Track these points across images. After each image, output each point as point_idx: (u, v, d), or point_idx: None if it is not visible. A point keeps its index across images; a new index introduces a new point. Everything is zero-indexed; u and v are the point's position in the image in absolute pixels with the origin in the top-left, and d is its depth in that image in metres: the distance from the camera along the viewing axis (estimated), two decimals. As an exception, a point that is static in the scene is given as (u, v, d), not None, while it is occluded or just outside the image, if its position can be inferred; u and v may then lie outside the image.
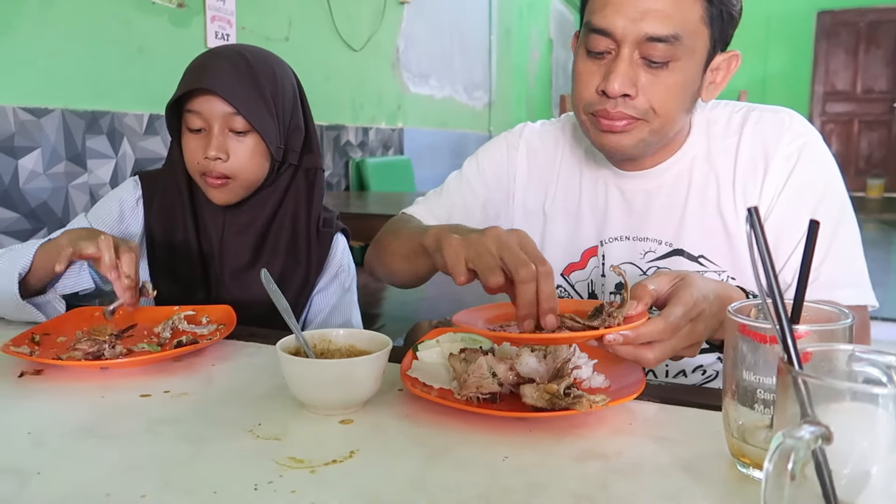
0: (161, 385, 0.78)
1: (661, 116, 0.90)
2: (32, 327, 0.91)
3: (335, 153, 4.41)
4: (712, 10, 0.87)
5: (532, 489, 0.54)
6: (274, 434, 0.64)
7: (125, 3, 2.76)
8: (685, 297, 0.69)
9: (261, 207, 1.16)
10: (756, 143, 0.96)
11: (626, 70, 0.87)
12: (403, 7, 5.09)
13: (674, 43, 0.85)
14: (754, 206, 0.44)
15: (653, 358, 0.68)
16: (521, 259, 0.68)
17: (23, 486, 0.55)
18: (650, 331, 0.67)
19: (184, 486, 0.55)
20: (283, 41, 3.74)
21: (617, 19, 0.86)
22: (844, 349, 0.47)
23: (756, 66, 8.90)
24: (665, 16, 0.84)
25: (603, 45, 0.88)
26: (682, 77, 0.89)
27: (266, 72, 1.10)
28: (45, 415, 0.70)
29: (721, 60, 0.93)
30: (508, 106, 7.29)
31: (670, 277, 0.73)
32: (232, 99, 1.05)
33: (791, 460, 0.37)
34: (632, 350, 0.68)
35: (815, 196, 0.93)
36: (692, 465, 0.58)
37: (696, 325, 0.70)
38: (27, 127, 2.43)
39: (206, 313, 0.99)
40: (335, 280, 1.23)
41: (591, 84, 0.91)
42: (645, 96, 0.88)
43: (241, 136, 1.08)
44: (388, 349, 0.71)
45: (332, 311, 1.22)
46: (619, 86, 0.87)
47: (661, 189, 1.00)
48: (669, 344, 0.69)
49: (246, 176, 1.10)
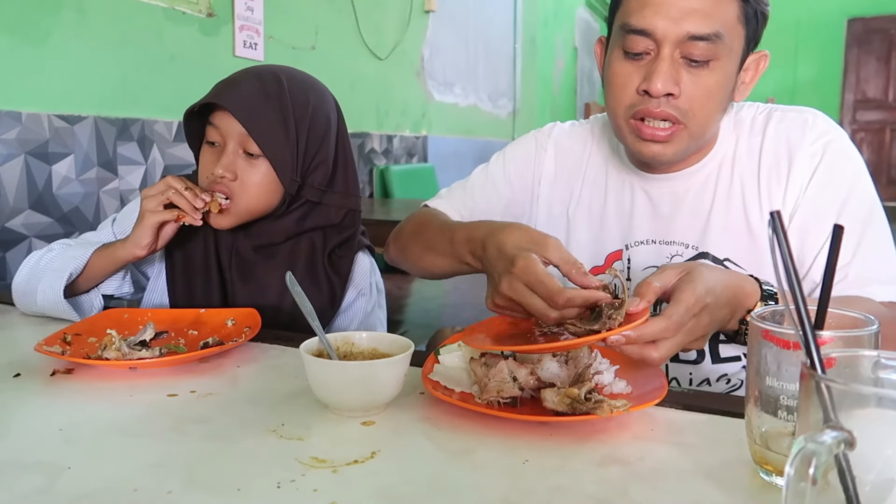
0: (188, 385, 0.79)
1: (699, 118, 0.90)
2: (65, 327, 0.94)
3: (360, 160, 4.44)
4: (748, 8, 0.87)
5: (552, 493, 0.54)
6: (297, 434, 0.65)
7: (156, 13, 2.82)
8: (687, 294, 0.70)
9: (271, 233, 1.11)
10: (780, 142, 0.96)
11: (669, 69, 0.87)
12: (429, 16, 5.13)
13: (715, 41, 0.86)
14: (777, 210, 0.44)
15: (658, 356, 0.69)
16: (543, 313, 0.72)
17: (53, 481, 0.56)
18: (652, 330, 0.68)
19: (208, 483, 0.56)
20: (309, 50, 3.79)
21: (657, 20, 0.86)
22: (869, 355, 0.46)
23: (786, 73, 8.78)
24: (705, 14, 0.85)
25: (642, 46, 0.88)
26: (721, 77, 0.89)
27: (297, 99, 1.06)
28: (76, 412, 0.71)
29: (751, 60, 0.93)
30: (533, 114, 7.28)
31: (676, 271, 0.73)
32: (245, 121, 1.01)
33: (812, 465, 0.37)
34: (637, 349, 0.69)
35: (842, 194, 0.92)
36: (714, 472, 0.58)
37: (700, 319, 0.71)
38: (61, 133, 2.49)
39: (231, 316, 1.01)
40: (356, 303, 1.18)
41: (629, 85, 0.90)
42: (686, 96, 0.88)
43: (254, 160, 1.04)
44: (410, 352, 0.71)
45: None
46: (662, 85, 0.86)
47: (688, 192, 1.00)
48: (674, 341, 0.70)
49: (247, 202, 1.05)
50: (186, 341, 0.95)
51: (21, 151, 2.37)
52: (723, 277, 0.74)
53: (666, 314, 0.69)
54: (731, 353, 1.01)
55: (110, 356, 0.84)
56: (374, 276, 1.23)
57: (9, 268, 2.37)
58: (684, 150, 0.93)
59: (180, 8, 2.93)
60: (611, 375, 0.75)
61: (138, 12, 2.75)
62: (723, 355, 1.01)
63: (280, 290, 1.10)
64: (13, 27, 2.31)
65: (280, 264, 1.12)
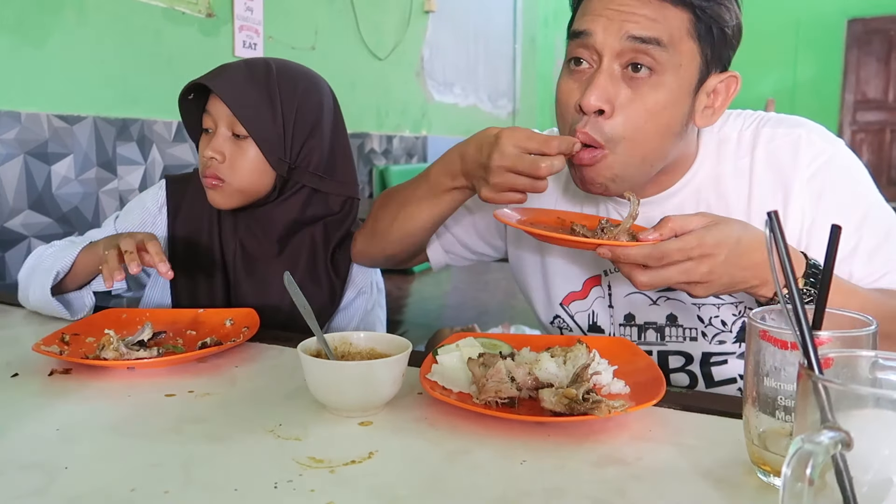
0: (186, 385, 0.79)
1: (635, 142, 0.82)
2: (63, 327, 0.94)
3: (359, 161, 4.45)
4: (700, 25, 0.81)
5: (550, 493, 0.54)
6: (294, 434, 0.65)
7: (156, 14, 2.83)
8: (692, 236, 0.73)
9: (272, 221, 1.13)
10: (771, 167, 0.89)
11: (605, 82, 0.80)
12: (428, 16, 5.13)
13: (657, 48, 0.79)
14: (774, 210, 0.44)
15: (643, 280, 0.74)
16: (536, 165, 0.79)
17: (51, 481, 0.56)
18: (636, 252, 0.73)
19: (206, 482, 0.56)
20: (309, 50, 3.79)
21: (598, 20, 0.81)
22: (867, 355, 0.46)
23: (785, 74, 8.78)
24: (649, 18, 0.80)
25: (585, 54, 0.83)
26: (664, 96, 0.81)
27: (287, 84, 1.09)
28: (74, 412, 0.71)
29: (717, 82, 0.85)
30: (532, 115, 7.28)
31: (707, 220, 0.75)
32: (230, 101, 1.04)
33: (810, 465, 0.37)
34: (626, 269, 0.75)
35: (857, 215, 0.87)
36: (712, 472, 0.58)
37: (699, 264, 0.73)
38: (60, 134, 2.49)
39: (229, 316, 1.01)
40: (355, 301, 1.19)
41: (570, 103, 0.84)
42: (623, 115, 0.81)
43: (242, 142, 1.07)
44: (408, 352, 0.71)
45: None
46: (595, 98, 0.80)
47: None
48: (663, 273, 0.73)
49: (239, 182, 1.07)
50: (184, 341, 0.95)
51: (20, 151, 2.37)
52: (756, 240, 0.74)
53: (658, 245, 0.73)
54: (725, 376, 0.98)
55: (108, 356, 0.84)
56: (375, 275, 1.23)
57: (8, 268, 2.37)
58: (618, 177, 0.84)
59: (180, 8, 2.93)
60: (609, 376, 0.74)
61: (138, 13, 2.75)
62: (717, 378, 0.98)
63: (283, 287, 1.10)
64: (13, 27, 2.31)
65: (283, 260, 1.13)
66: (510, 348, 0.83)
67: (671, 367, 1.00)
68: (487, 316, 3.71)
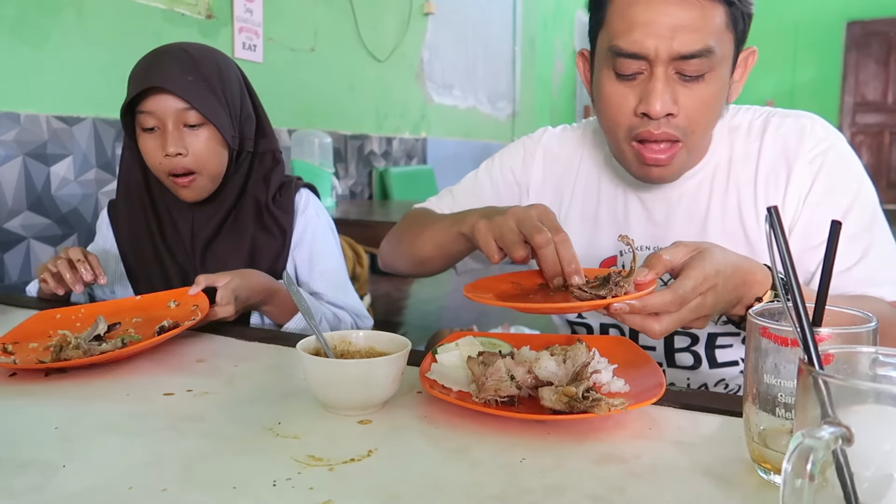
0: (184, 384, 0.79)
1: (698, 132, 0.89)
2: (1, 337, 0.92)
3: (359, 162, 4.45)
4: (734, 12, 0.86)
5: (549, 490, 0.54)
6: (293, 433, 0.65)
7: (155, 15, 2.83)
8: (697, 271, 0.70)
9: (225, 196, 1.20)
10: (777, 150, 0.95)
11: (665, 89, 0.85)
12: (428, 18, 5.13)
13: (707, 56, 0.84)
14: (774, 205, 0.44)
15: (659, 329, 0.71)
16: (536, 227, 0.75)
17: (49, 479, 0.56)
18: (657, 302, 0.69)
19: (204, 481, 0.56)
20: (308, 52, 3.79)
21: (647, 41, 0.83)
22: (867, 352, 0.46)
23: (784, 76, 8.79)
24: (694, 29, 0.83)
25: (634, 68, 0.86)
26: (717, 87, 0.88)
27: (210, 64, 1.14)
28: (72, 412, 0.71)
29: (740, 59, 0.92)
30: (532, 117, 7.29)
31: (689, 249, 0.74)
32: (184, 94, 1.08)
33: (810, 461, 0.37)
34: (639, 320, 0.70)
35: (846, 200, 0.92)
36: (712, 470, 0.57)
37: (706, 298, 0.71)
38: (59, 135, 2.49)
39: (171, 298, 1.02)
40: (305, 232, 1.26)
41: (625, 107, 0.88)
42: (685, 113, 0.87)
43: (196, 130, 1.11)
44: (407, 350, 0.71)
45: (311, 263, 1.26)
46: (661, 106, 0.84)
47: (682, 198, 0.99)
48: (677, 316, 0.71)
49: (210, 169, 1.14)
50: (137, 329, 0.96)
51: (19, 153, 2.37)
52: (734, 260, 0.75)
53: (672, 288, 0.70)
54: (728, 358, 1.01)
55: (73, 356, 0.82)
56: (316, 208, 1.28)
57: (7, 269, 2.37)
58: (683, 165, 0.93)
59: (179, 10, 2.93)
60: (609, 374, 0.74)
61: (137, 14, 2.75)
62: (720, 360, 1.01)
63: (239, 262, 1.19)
64: (12, 28, 2.31)
65: (236, 236, 1.21)
66: (510, 347, 0.82)
67: (677, 347, 1.02)
68: (487, 318, 3.71)
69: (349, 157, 4.34)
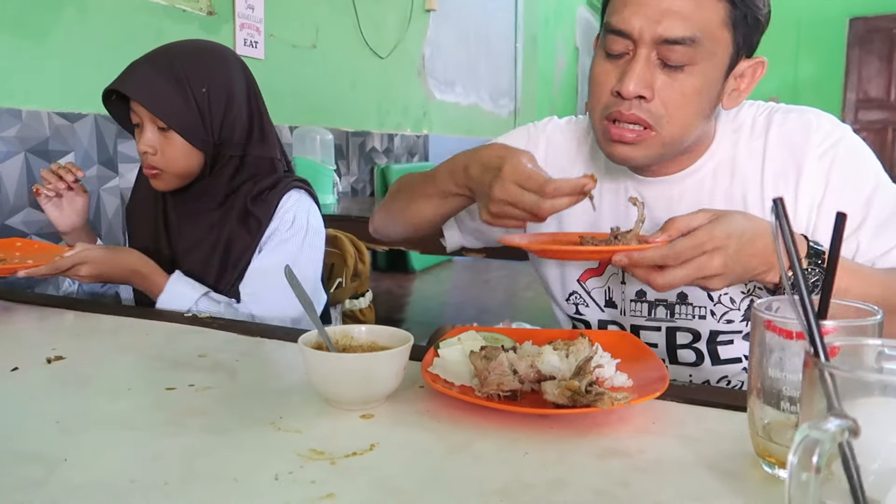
0: (186, 379, 0.79)
1: (674, 124, 0.87)
2: None
3: (361, 159, 4.44)
4: (736, 12, 0.84)
5: (552, 485, 0.54)
6: (295, 427, 0.65)
7: (157, 11, 2.82)
8: (701, 231, 0.74)
9: (208, 195, 1.25)
10: (783, 147, 0.93)
11: (642, 71, 0.84)
12: (430, 15, 5.12)
13: (691, 45, 0.83)
14: (780, 197, 0.44)
15: (661, 282, 0.75)
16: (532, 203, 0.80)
17: (50, 472, 0.56)
18: (653, 255, 0.75)
19: (206, 474, 0.56)
20: (310, 48, 3.78)
21: (634, 20, 0.84)
22: (873, 344, 0.46)
23: (787, 73, 8.77)
24: (684, 17, 0.82)
25: (621, 47, 0.86)
26: (699, 81, 0.86)
27: (192, 67, 1.17)
28: (73, 405, 0.71)
29: (746, 67, 0.90)
30: (534, 114, 7.28)
31: (710, 214, 0.76)
32: (144, 101, 1.13)
33: (816, 453, 0.36)
34: (642, 272, 0.76)
35: (867, 188, 0.90)
36: (716, 464, 0.57)
37: (712, 258, 0.74)
38: (61, 131, 2.49)
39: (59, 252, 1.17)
40: (275, 235, 1.25)
41: (606, 85, 0.88)
42: (660, 99, 0.86)
43: (167, 132, 1.17)
44: (409, 345, 0.71)
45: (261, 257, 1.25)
46: (633, 86, 0.84)
47: (682, 196, 0.98)
48: (680, 272, 0.75)
49: (175, 169, 1.19)
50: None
51: (21, 149, 2.37)
52: (761, 228, 0.76)
53: (671, 244, 0.74)
54: (731, 355, 1.01)
55: None
56: (309, 212, 1.27)
57: (9, 265, 2.36)
58: (656, 155, 0.90)
59: (181, 6, 2.93)
60: (612, 369, 0.74)
61: (139, 10, 2.75)
62: (723, 357, 1.01)
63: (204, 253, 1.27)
64: (14, 24, 2.31)
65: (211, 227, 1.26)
66: (512, 342, 0.82)
67: (679, 343, 1.02)
68: (488, 314, 3.71)
69: (351, 154, 4.34)
